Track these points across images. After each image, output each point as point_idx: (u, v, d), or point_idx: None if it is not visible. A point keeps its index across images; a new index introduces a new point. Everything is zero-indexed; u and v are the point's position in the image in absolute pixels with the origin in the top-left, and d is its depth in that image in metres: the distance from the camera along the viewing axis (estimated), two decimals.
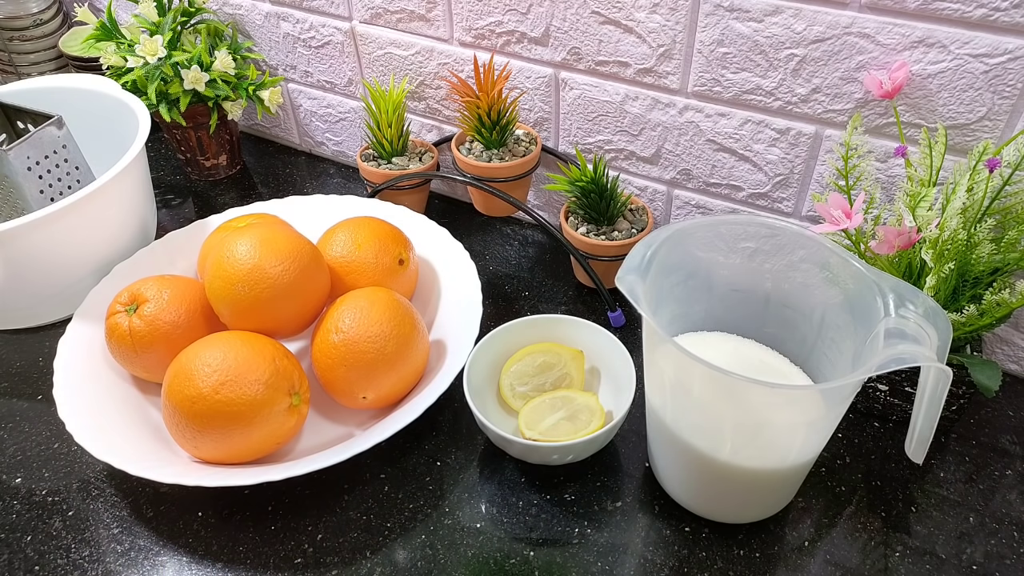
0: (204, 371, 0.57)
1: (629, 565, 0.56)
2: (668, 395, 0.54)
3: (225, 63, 0.87)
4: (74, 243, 0.73)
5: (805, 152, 0.68)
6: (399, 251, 0.70)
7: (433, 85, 0.86)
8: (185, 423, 0.57)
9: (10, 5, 1.01)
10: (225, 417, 0.56)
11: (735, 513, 0.58)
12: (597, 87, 0.75)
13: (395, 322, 0.62)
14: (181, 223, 0.80)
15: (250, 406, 0.56)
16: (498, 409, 0.66)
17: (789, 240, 0.56)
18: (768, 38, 0.64)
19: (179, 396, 0.57)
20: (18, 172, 0.76)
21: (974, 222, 0.57)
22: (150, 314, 0.64)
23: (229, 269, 0.62)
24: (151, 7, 0.87)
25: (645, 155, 0.77)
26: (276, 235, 0.64)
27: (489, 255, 0.85)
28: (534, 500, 0.60)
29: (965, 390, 0.60)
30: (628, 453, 0.64)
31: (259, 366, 0.57)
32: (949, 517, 0.58)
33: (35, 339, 0.76)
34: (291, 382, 0.59)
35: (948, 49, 0.58)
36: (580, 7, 0.71)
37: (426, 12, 0.80)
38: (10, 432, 0.67)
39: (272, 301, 0.62)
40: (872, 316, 0.50)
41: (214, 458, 0.59)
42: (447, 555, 0.57)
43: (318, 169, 1.01)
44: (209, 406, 0.56)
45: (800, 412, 0.51)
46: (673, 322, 0.61)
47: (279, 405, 0.57)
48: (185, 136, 0.93)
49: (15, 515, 0.61)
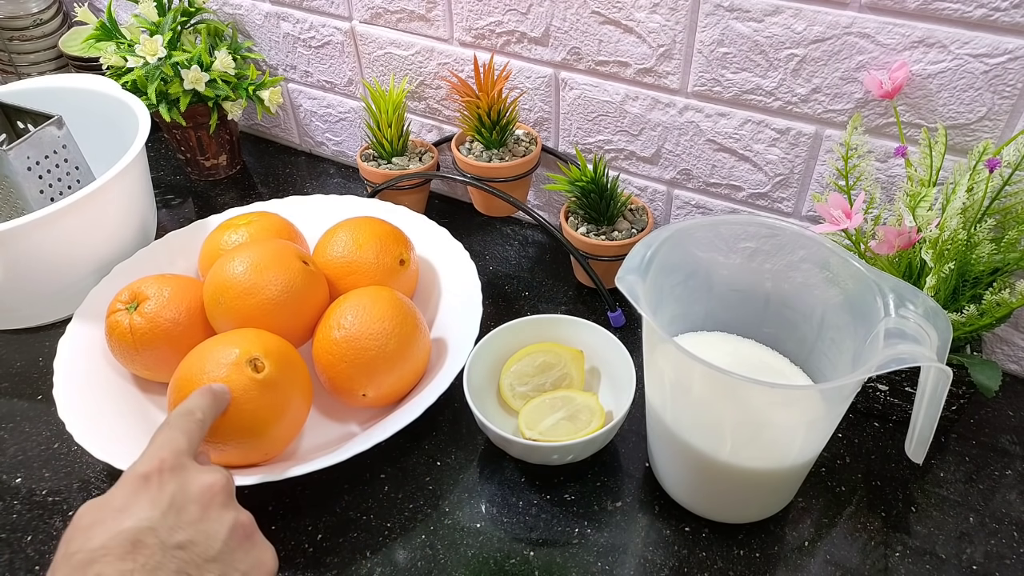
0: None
1: (629, 565, 0.56)
2: (668, 395, 0.54)
3: (225, 63, 0.87)
4: (74, 243, 0.73)
5: (805, 152, 0.68)
6: (400, 251, 0.70)
7: (433, 85, 0.86)
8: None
9: (10, 5, 1.01)
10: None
11: (735, 513, 0.58)
12: (597, 87, 0.75)
13: (397, 320, 0.62)
14: (181, 223, 0.80)
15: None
16: (498, 409, 0.66)
17: (789, 240, 0.56)
18: (768, 38, 0.64)
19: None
20: (18, 172, 0.76)
21: (974, 222, 0.57)
22: (151, 312, 0.64)
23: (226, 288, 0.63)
24: (151, 7, 0.87)
25: (645, 155, 0.77)
26: (269, 258, 0.64)
27: (489, 255, 0.85)
28: (534, 500, 0.60)
29: (965, 390, 0.60)
30: (628, 453, 0.64)
31: (227, 353, 0.57)
32: (949, 517, 0.58)
33: (35, 339, 0.76)
34: (249, 354, 0.57)
35: (948, 49, 0.58)
36: (580, 7, 0.71)
37: (426, 12, 0.80)
38: (10, 432, 0.67)
39: (266, 318, 0.63)
40: (872, 316, 0.50)
41: (218, 462, 0.59)
42: (447, 555, 0.57)
43: (318, 169, 1.01)
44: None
45: (800, 412, 0.51)
46: (673, 322, 0.61)
47: (242, 380, 0.56)
48: (185, 136, 0.93)
49: (15, 515, 0.61)
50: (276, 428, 0.58)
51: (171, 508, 0.41)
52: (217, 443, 0.56)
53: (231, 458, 0.58)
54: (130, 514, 0.41)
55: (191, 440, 0.47)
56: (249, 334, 0.60)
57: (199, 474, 0.44)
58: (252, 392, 0.56)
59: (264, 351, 0.58)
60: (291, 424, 0.60)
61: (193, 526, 0.42)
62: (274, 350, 0.59)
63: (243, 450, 0.57)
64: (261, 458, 0.59)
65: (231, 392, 0.55)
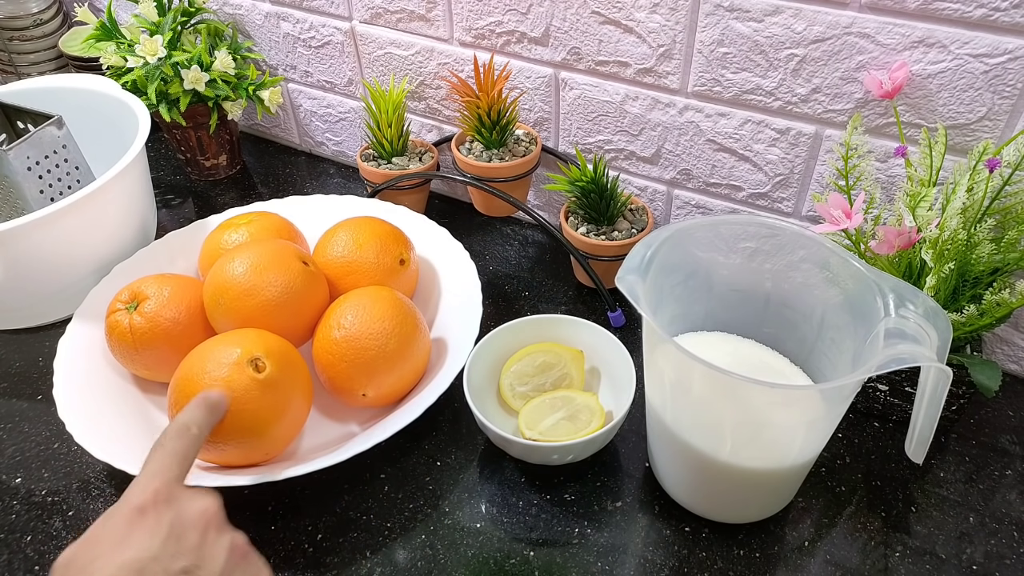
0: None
1: (629, 565, 0.56)
2: (668, 395, 0.54)
3: (225, 63, 0.87)
4: (74, 243, 0.73)
5: (805, 152, 0.68)
6: (400, 251, 0.70)
7: (433, 85, 0.86)
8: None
9: (10, 5, 1.01)
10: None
11: (735, 513, 0.58)
12: (597, 87, 0.75)
13: (397, 320, 0.62)
14: (181, 223, 0.80)
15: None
16: (498, 409, 0.66)
17: (789, 240, 0.56)
18: (768, 38, 0.64)
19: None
20: (18, 172, 0.76)
21: (974, 222, 0.57)
22: (151, 311, 0.64)
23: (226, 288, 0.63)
24: (151, 7, 0.87)
25: (645, 155, 0.77)
26: (269, 259, 0.64)
27: (489, 255, 0.85)
28: (534, 500, 0.60)
29: (965, 390, 0.60)
30: (628, 453, 0.64)
31: (229, 353, 0.57)
32: (949, 517, 0.58)
33: (35, 339, 0.76)
34: (251, 354, 0.57)
35: (948, 49, 0.58)
36: (580, 7, 0.71)
37: (426, 12, 0.80)
38: (10, 432, 0.67)
39: (266, 319, 0.63)
40: (872, 316, 0.50)
41: (219, 462, 0.59)
42: (447, 555, 0.57)
43: (318, 169, 1.01)
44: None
45: (800, 412, 0.51)
46: (673, 322, 0.61)
47: (243, 380, 0.56)
48: (185, 136, 0.93)
49: (15, 515, 0.61)
50: (277, 428, 0.58)
51: (170, 536, 0.42)
52: (218, 443, 0.56)
53: (231, 458, 0.58)
54: (129, 546, 0.41)
55: (184, 463, 0.47)
56: (250, 334, 0.60)
57: (192, 501, 0.45)
58: (253, 392, 0.56)
59: (266, 351, 0.58)
60: (291, 424, 0.60)
61: (194, 552, 0.42)
62: (275, 350, 0.59)
63: (243, 450, 0.57)
64: (261, 458, 0.59)
65: (232, 392, 0.55)
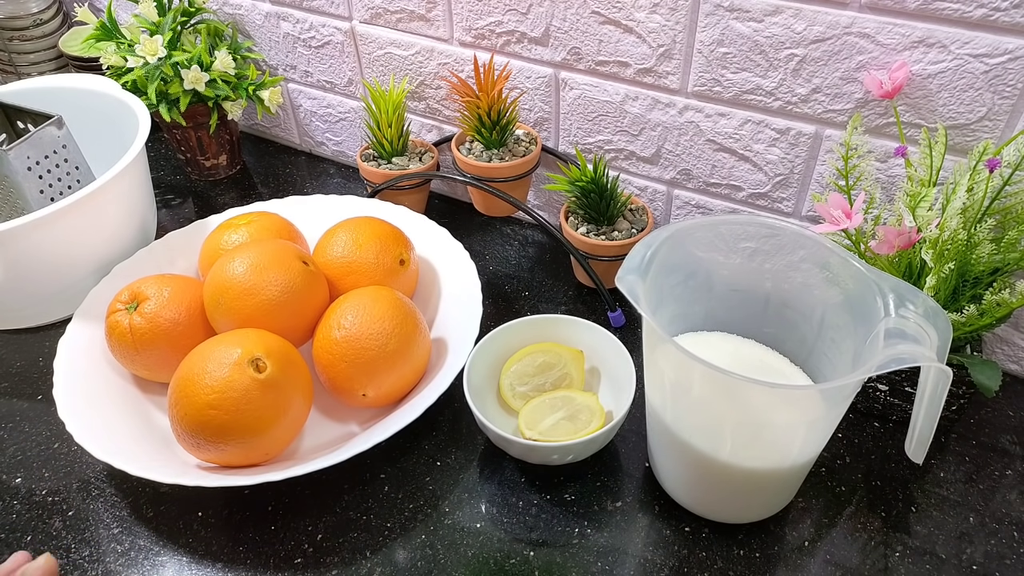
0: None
1: (629, 565, 0.56)
2: (668, 395, 0.54)
3: (225, 63, 0.87)
4: (74, 243, 0.73)
5: (805, 152, 0.68)
6: (400, 251, 0.70)
7: (433, 85, 0.86)
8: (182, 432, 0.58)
9: (10, 5, 1.01)
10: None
11: (735, 513, 0.58)
12: (597, 87, 0.75)
13: (397, 320, 0.62)
14: (181, 223, 0.80)
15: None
16: (498, 409, 0.66)
17: (789, 240, 0.56)
18: (768, 38, 0.64)
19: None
20: (18, 172, 0.76)
21: (974, 222, 0.57)
22: (151, 312, 0.64)
23: (226, 288, 0.63)
24: (151, 7, 0.87)
25: (645, 155, 0.77)
26: (269, 259, 0.64)
27: (489, 255, 0.85)
28: (534, 500, 0.60)
29: (965, 390, 0.60)
30: (628, 453, 0.64)
31: (229, 353, 0.58)
32: (949, 517, 0.58)
33: (35, 339, 0.76)
34: (252, 354, 0.57)
35: (948, 49, 0.58)
36: (580, 7, 0.71)
37: (426, 12, 0.80)
38: (10, 432, 0.67)
39: (266, 319, 0.63)
40: (872, 316, 0.50)
41: (219, 462, 0.59)
42: (447, 555, 0.57)
43: (318, 169, 1.01)
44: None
45: (800, 412, 0.51)
46: (673, 322, 0.61)
47: (243, 380, 0.56)
48: (185, 136, 0.93)
49: (15, 515, 0.61)
50: (277, 428, 0.58)
51: None
52: (218, 443, 0.56)
53: (231, 458, 0.58)
54: None
55: None
56: (251, 334, 0.60)
57: None
58: (254, 392, 0.56)
59: (266, 351, 0.58)
60: (292, 424, 0.60)
61: None
62: (276, 350, 0.59)
63: (244, 450, 0.57)
64: (262, 458, 0.59)
65: (233, 392, 0.55)
